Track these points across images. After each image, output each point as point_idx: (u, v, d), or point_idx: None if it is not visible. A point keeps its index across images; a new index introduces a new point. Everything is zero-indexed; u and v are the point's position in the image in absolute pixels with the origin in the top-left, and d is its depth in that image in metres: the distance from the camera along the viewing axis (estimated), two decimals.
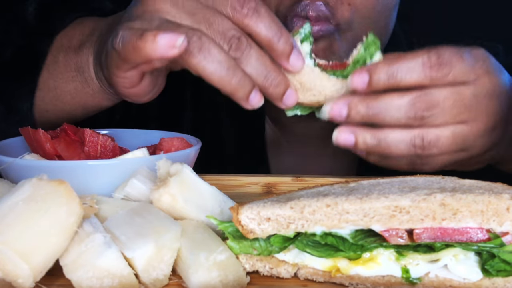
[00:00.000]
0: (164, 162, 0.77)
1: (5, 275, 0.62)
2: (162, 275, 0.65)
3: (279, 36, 0.80)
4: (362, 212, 0.65)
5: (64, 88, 1.06)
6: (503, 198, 0.63)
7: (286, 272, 0.70)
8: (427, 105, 0.80)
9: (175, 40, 0.74)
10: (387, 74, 0.79)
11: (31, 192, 0.65)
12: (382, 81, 0.80)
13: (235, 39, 0.79)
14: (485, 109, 0.83)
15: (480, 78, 0.82)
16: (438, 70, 0.80)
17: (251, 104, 0.81)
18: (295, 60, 0.82)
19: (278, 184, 1.07)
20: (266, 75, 0.81)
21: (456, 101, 0.81)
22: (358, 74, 0.80)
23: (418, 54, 0.80)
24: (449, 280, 0.67)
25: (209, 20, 0.80)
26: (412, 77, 0.79)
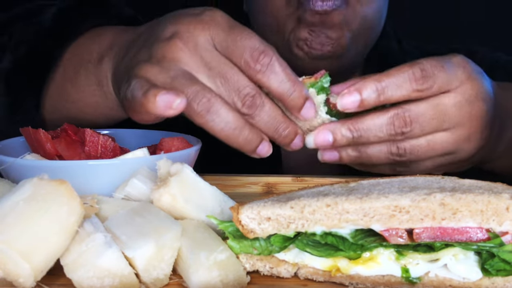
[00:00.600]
0: (164, 162, 0.77)
1: (6, 275, 0.62)
2: (162, 274, 0.66)
3: (292, 91, 0.82)
4: (362, 211, 0.65)
5: (87, 100, 1.08)
6: (503, 197, 0.63)
7: (286, 271, 0.70)
8: (406, 121, 0.84)
9: (173, 101, 0.76)
10: (377, 92, 0.83)
11: (32, 192, 0.65)
12: (373, 99, 0.83)
13: (249, 98, 0.82)
14: (467, 115, 0.86)
15: (462, 85, 0.86)
16: (423, 83, 0.83)
17: (259, 155, 0.85)
18: (306, 113, 0.84)
19: (278, 184, 1.07)
20: (276, 128, 0.84)
21: (435, 113, 0.85)
22: (348, 95, 0.83)
23: (402, 69, 0.84)
24: (449, 280, 0.67)
25: (225, 76, 0.82)
26: (400, 92, 0.83)
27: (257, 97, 0.82)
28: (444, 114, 0.85)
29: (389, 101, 0.84)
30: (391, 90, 0.83)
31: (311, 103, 0.84)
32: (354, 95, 0.83)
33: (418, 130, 0.85)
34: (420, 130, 0.85)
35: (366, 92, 0.82)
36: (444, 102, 0.85)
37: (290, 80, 0.82)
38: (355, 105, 0.83)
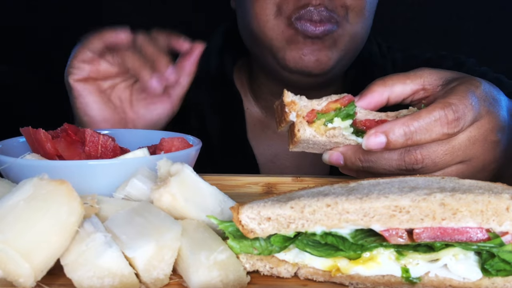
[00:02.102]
0: (164, 162, 0.77)
1: (7, 275, 0.62)
2: (162, 274, 0.66)
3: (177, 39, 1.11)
4: (362, 211, 0.65)
5: None
6: (503, 198, 0.64)
7: (286, 271, 0.70)
8: (417, 159, 0.82)
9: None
10: (405, 136, 0.81)
11: (32, 192, 0.65)
12: (400, 143, 0.81)
13: None
14: (481, 149, 0.84)
15: (480, 120, 0.84)
16: (456, 126, 0.80)
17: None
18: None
19: (278, 184, 1.07)
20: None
21: (448, 149, 0.83)
22: (375, 136, 0.81)
23: (434, 111, 0.80)
24: (449, 280, 0.67)
25: None
26: (430, 136, 0.81)
27: None
28: (458, 149, 0.83)
29: (417, 144, 0.81)
30: (420, 135, 0.80)
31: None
32: (381, 138, 0.81)
33: (431, 165, 0.83)
34: (433, 165, 0.83)
35: (393, 136, 0.80)
36: (458, 138, 0.83)
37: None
38: (380, 147, 0.81)
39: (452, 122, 0.80)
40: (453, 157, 0.83)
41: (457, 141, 0.83)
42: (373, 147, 0.81)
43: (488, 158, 0.85)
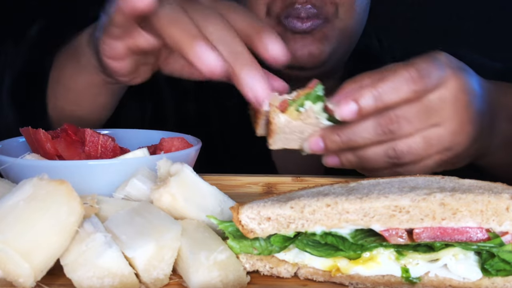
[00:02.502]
0: (164, 162, 0.77)
1: (6, 275, 0.62)
2: (162, 274, 0.66)
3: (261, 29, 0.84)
4: (362, 211, 0.65)
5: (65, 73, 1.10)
6: (503, 197, 0.64)
7: (286, 271, 0.70)
8: (391, 119, 0.83)
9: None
10: (374, 98, 0.82)
11: (32, 192, 0.65)
12: (371, 105, 0.82)
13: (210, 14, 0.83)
14: (454, 108, 0.86)
15: (447, 81, 0.86)
16: (421, 83, 0.82)
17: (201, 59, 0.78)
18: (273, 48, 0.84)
19: (278, 184, 1.07)
20: (229, 44, 0.81)
21: (421, 108, 0.84)
22: (345, 104, 0.82)
23: (398, 71, 0.83)
24: (448, 280, 0.67)
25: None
26: (398, 95, 0.82)
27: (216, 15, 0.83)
28: (431, 108, 0.85)
29: (387, 106, 0.83)
30: (388, 95, 0.82)
31: (279, 42, 0.84)
32: (351, 105, 0.81)
33: (408, 127, 0.84)
34: (410, 127, 0.84)
35: (363, 100, 0.81)
36: (429, 98, 0.85)
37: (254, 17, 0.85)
38: (353, 114, 0.82)
39: (417, 79, 0.82)
40: (427, 117, 0.85)
41: (427, 100, 0.84)
42: (346, 115, 0.82)
43: (462, 119, 0.87)
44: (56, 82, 1.12)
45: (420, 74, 0.82)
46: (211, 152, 1.03)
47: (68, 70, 1.09)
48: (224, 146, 1.41)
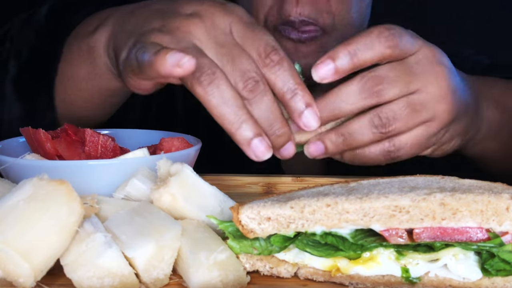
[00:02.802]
0: (164, 162, 0.77)
1: (6, 275, 0.62)
2: (162, 274, 0.66)
3: (295, 92, 0.81)
4: (362, 211, 0.65)
5: (78, 73, 1.07)
6: (503, 197, 0.64)
7: (286, 271, 0.70)
8: (375, 81, 0.84)
9: (182, 59, 0.74)
10: (349, 55, 0.82)
11: (32, 192, 0.65)
12: (347, 64, 0.82)
13: (252, 81, 0.80)
14: (432, 73, 0.88)
15: (421, 49, 0.88)
16: (392, 39, 0.84)
17: (254, 152, 0.79)
18: (307, 121, 0.82)
19: (278, 184, 1.07)
20: (271, 124, 0.81)
21: (401, 70, 0.86)
22: (322, 64, 0.82)
23: (370, 30, 0.85)
24: (448, 280, 0.67)
25: (234, 57, 0.81)
26: (373, 52, 0.83)
27: (260, 84, 0.80)
28: (410, 72, 0.86)
29: (363, 64, 0.83)
30: (363, 52, 0.82)
31: (313, 111, 0.82)
32: (328, 63, 0.81)
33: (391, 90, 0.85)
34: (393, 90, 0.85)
35: (339, 58, 0.82)
36: (407, 61, 0.86)
37: (296, 81, 0.81)
38: (331, 73, 0.82)
39: (388, 37, 0.83)
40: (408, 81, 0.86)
41: (406, 64, 0.86)
42: (323, 75, 0.82)
43: (442, 85, 0.88)
44: (68, 80, 1.10)
45: (391, 32, 0.84)
46: (211, 152, 1.03)
47: (82, 72, 1.07)
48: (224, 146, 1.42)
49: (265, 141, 0.80)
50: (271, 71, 0.81)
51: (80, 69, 1.06)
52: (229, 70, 0.81)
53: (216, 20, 0.83)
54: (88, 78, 1.06)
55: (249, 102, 0.80)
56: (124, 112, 1.25)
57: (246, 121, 0.79)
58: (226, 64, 0.81)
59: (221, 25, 0.83)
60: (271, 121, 0.81)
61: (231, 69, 0.81)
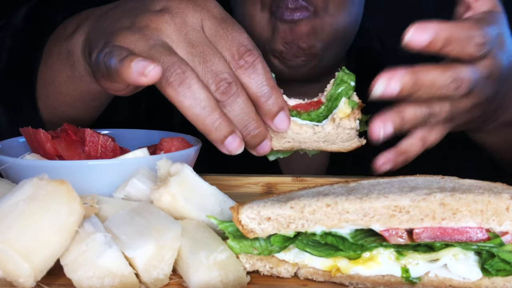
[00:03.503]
0: (164, 162, 0.77)
1: (6, 275, 0.62)
2: (162, 274, 0.66)
3: (268, 96, 0.81)
4: (362, 211, 0.65)
5: (59, 78, 1.06)
6: (503, 197, 0.64)
7: (286, 271, 0.70)
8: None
9: (146, 68, 0.73)
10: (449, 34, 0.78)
11: (32, 192, 0.65)
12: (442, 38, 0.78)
13: (225, 83, 0.79)
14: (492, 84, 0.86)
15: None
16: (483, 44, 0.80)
17: (227, 148, 0.80)
18: (279, 123, 0.82)
19: (278, 184, 1.07)
20: (246, 125, 0.82)
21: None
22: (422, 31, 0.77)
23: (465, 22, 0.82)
24: (448, 280, 0.67)
25: (206, 57, 0.80)
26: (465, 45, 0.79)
27: (233, 85, 0.79)
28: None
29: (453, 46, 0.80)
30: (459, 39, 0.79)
31: (285, 115, 0.82)
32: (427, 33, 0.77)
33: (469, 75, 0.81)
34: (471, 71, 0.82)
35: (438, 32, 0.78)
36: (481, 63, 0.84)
37: (269, 84, 0.81)
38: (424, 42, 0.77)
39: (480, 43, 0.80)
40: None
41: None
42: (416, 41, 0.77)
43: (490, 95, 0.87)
44: (49, 84, 1.09)
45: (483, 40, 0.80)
46: (211, 152, 1.02)
47: (63, 76, 1.05)
48: None
49: (238, 137, 0.80)
50: (245, 73, 0.80)
51: (61, 73, 1.05)
52: (201, 71, 0.79)
53: (187, 16, 0.81)
54: (68, 82, 1.05)
55: (222, 104, 0.80)
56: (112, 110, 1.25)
57: (220, 122, 0.79)
58: (197, 65, 0.80)
59: (192, 22, 0.81)
60: (245, 122, 0.81)
61: (202, 69, 0.79)
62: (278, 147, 0.88)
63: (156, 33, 0.80)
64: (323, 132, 0.85)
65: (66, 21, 1.09)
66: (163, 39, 0.80)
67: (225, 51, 0.80)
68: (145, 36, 0.80)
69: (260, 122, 0.83)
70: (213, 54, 0.80)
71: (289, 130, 0.85)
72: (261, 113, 0.82)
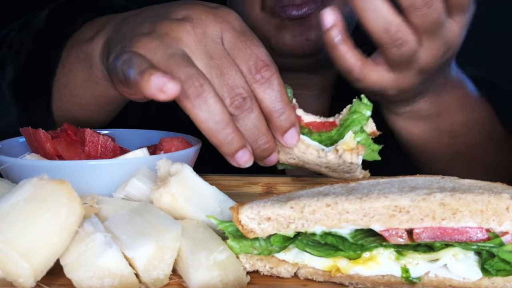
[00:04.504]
0: (164, 162, 0.77)
1: (6, 275, 0.62)
2: (162, 274, 0.66)
3: (281, 112, 0.82)
4: (362, 211, 0.65)
5: (75, 80, 1.06)
6: (503, 197, 0.64)
7: (286, 271, 0.70)
8: None
9: (165, 84, 0.73)
10: None
11: (32, 192, 0.65)
12: None
13: (240, 98, 0.80)
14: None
15: None
16: None
17: (237, 162, 0.81)
18: (289, 138, 0.83)
19: (278, 184, 1.07)
20: (257, 139, 0.82)
21: None
22: None
23: None
24: (448, 280, 0.67)
25: (223, 70, 0.80)
26: None
27: (247, 100, 0.80)
28: None
29: None
30: None
31: (295, 131, 0.83)
32: None
33: None
34: None
35: None
36: None
37: (283, 100, 0.82)
38: None
39: None
40: None
41: None
42: None
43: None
44: (64, 87, 1.09)
45: None
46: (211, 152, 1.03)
47: (79, 79, 1.06)
48: None
49: (248, 151, 0.81)
50: (260, 88, 0.81)
51: (77, 76, 1.06)
52: (217, 83, 0.80)
53: (207, 27, 0.82)
54: (84, 86, 1.05)
55: (236, 117, 0.80)
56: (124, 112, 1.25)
57: (232, 137, 0.79)
58: (214, 77, 0.80)
59: (212, 33, 0.82)
60: (256, 136, 0.82)
61: (219, 83, 0.80)
62: (284, 161, 0.88)
63: (176, 42, 0.81)
64: (325, 159, 0.85)
65: (86, 25, 1.10)
66: (182, 49, 0.81)
67: (243, 64, 0.81)
68: (164, 44, 0.80)
69: (270, 136, 0.84)
70: (230, 67, 0.81)
71: (296, 148, 0.85)
72: (272, 128, 0.83)
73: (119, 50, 0.83)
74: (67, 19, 1.14)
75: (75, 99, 1.09)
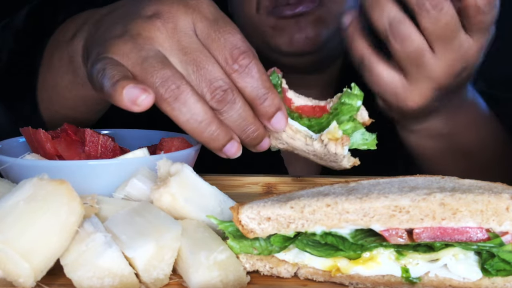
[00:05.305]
0: (164, 162, 0.77)
1: (6, 275, 0.62)
2: (162, 274, 0.66)
3: (264, 98, 0.81)
4: (362, 211, 0.65)
5: (61, 83, 1.06)
6: (503, 197, 0.64)
7: (286, 271, 0.70)
8: None
9: (138, 97, 0.72)
10: None
11: (32, 192, 0.65)
12: None
13: (220, 91, 0.79)
14: None
15: None
16: None
17: (226, 154, 0.81)
18: (277, 122, 0.83)
19: (278, 184, 1.07)
20: (244, 129, 0.82)
21: None
22: None
23: None
24: (448, 280, 0.67)
25: (199, 64, 0.79)
26: None
27: (228, 92, 0.79)
28: None
29: None
30: None
31: (282, 115, 0.82)
32: None
33: None
34: None
35: None
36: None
37: (264, 86, 0.80)
38: None
39: None
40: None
41: None
42: None
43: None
44: (52, 89, 1.08)
45: None
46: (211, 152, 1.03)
47: (65, 82, 1.05)
48: None
49: (236, 142, 0.81)
50: (239, 77, 0.79)
51: (63, 78, 1.05)
52: (195, 79, 0.79)
53: (178, 21, 0.80)
54: (71, 87, 1.04)
55: (219, 111, 0.79)
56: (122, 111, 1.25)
57: (218, 133, 0.79)
58: (191, 73, 0.79)
59: (184, 26, 0.80)
60: (243, 126, 0.81)
61: (196, 78, 0.79)
62: (274, 145, 0.88)
63: (149, 42, 0.79)
64: (312, 147, 0.85)
65: (65, 22, 1.09)
66: (156, 48, 0.79)
67: (219, 55, 0.79)
68: (137, 46, 0.79)
69: (258, 124, 0.83)
70: (206, 60, 0.79)
71: (284, 133, 0.85)
72: (258, 115, 0.82)
73: (95, 57, 0.82)
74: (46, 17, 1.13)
75: (63, 100, 1.08)
